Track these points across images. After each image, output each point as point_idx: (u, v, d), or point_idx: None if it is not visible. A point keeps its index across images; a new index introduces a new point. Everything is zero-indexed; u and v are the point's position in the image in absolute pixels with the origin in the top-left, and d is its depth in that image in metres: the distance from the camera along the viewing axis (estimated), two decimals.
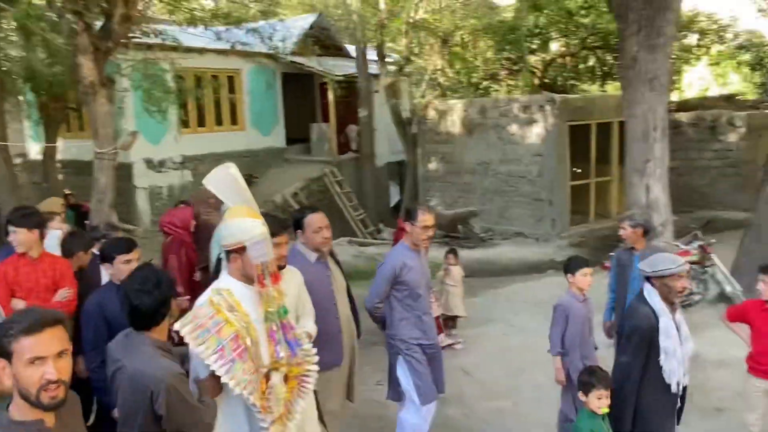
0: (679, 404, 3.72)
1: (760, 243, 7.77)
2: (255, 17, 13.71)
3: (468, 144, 14.34)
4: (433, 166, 15.28)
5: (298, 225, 3.88)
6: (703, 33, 17.46)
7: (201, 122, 15.57)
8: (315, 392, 3.43)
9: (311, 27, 17.19)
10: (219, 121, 16.02)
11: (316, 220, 3.81)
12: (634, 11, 6.24)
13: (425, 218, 4.09)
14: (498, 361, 6.43)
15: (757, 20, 17.82)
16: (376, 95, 17.04)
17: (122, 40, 6.94)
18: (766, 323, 4.17)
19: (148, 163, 14.37)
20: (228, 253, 2.91)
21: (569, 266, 4.46)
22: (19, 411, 1.91)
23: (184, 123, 14.67)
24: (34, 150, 16.02)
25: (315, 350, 3.23)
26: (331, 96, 16.75)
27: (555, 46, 18.52)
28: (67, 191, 13.72)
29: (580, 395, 3.43)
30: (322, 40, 17.63)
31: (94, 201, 6.77)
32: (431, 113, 15.13)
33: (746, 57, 18.70)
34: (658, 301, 3.52)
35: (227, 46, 9.81)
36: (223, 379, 2.65)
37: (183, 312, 4.36)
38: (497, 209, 13.75)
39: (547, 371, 6.11)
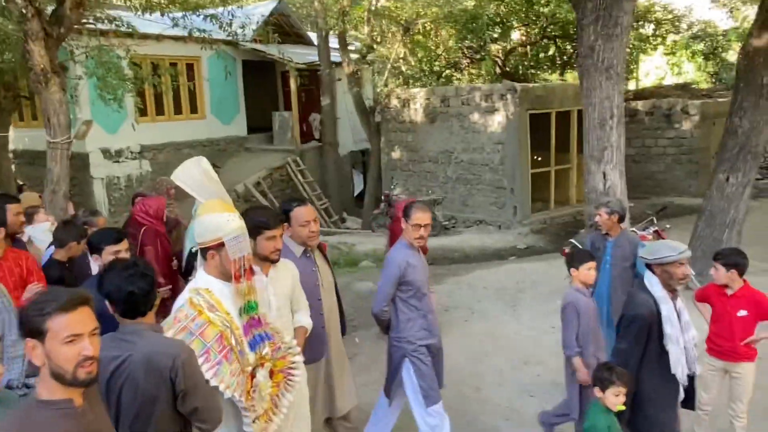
0: (683, 393, 3.67)
1: (712, 228, 8.00)
2: (214, 3, 13.46)
3: (430, 132, 14.41)
4: (396, 154, 15.31)
5: (285, 215, 3.75)
6: (658, 23, 17.82)
7: (159, 111, 15.28)
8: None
9: (272, 14, 16.95)
10: (178, 110, 15.73)
11: (303, 213, 3.71)
12: (591, 1, 6.32)
13: (418, 216, 3.96)
14: (460, 347, 6.50)
15: (711, 10, 18.29)
16: (339, 84, 16.95)
17: (75, 26, 6.74)
18: (722, 306, 4.31)
19: (105, 152, 14.06)
20: (204, 250, 2.80)
21: (573, 260, 4.33)
22: (47, 391, 1.89)
23: (142, 111, 14.29)
24: None
25: (295, 342, 3.18)
26: (293, 84, 16.55)
27: (516, 35, 18.69)
28: (20, 182, 13.33)
29: (596, 391, 3.38)
30: (283, 27, 17.39)
31: (47, 191, 6.58)
32: (394, 102, 15.15)
33: (700, 47, 19.19)
34: (659, 288, 3.50)
35: (185, 33, 9.53)
36: (212, 383, 2.57)
37: (163, 302, 4.31)
38: (460, 197, 13.87)
39: (508, 356, 6.24)
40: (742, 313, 4.23)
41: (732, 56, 19.11)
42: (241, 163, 16.36)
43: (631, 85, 20.68)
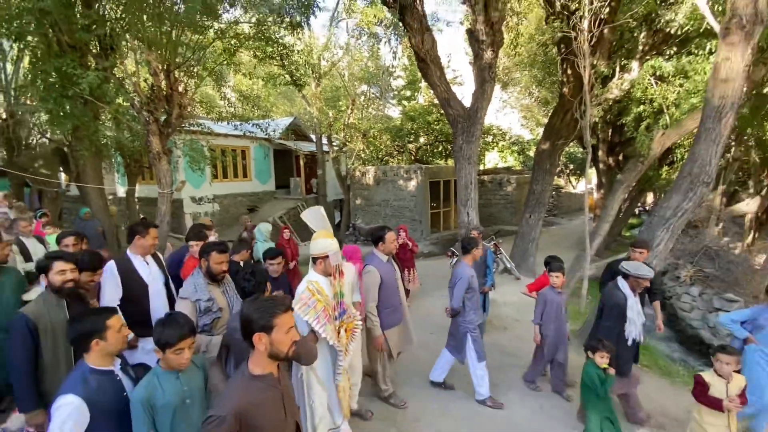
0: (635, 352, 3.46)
1: (523, 242, 8.32)
2: (258, 117, 13.26)
3: (377, 190, 14.48)
4: (358, 201, 15.29)
5: (380, 238, 3.45)
6: (494, 135, 18.62)
7: (225, 175, 14.79)
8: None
9: (290, 124, 16.88)
10: (236, 175, 15.28)
11: (392, 235, 3.49)
12: (460, 124, 6.59)
13: (480, 249, 3.83)
14: None
15: (522, 129, 19.28)
16: (327, 163, 16.89)
17: (177, 128, 6.51)
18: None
19: (192, 198, 13.47)
20: (315, 258, 2.75)
21: (549, 265, 3.85)
22: (258, 367, 1.68)
23: (215, 176, 13.89)
24: (121, 191, 14.57)
25: (358, 313, 2.99)
26: (301, 162, 16.45)
27: (422, 140, 19.13)
28: (142, 216, 12.56)
29: (590, 353, 3.10)
30: (296, 131, 17.32)
31: (158, 221, 6.24)
32: (357, 173, 15.18)
33: (516, 148, 20.12)
34: (628, 289, 3.32)
35: (241, 133, 9.41)
36: (321, 335, 2.57)
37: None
38: (393, 225, 13.91)
39: (418, 313, 6.17)
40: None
41: (531, 153, 20.14)
42: (272, 206, 15.95)
43: (481, 167, 21.46)
